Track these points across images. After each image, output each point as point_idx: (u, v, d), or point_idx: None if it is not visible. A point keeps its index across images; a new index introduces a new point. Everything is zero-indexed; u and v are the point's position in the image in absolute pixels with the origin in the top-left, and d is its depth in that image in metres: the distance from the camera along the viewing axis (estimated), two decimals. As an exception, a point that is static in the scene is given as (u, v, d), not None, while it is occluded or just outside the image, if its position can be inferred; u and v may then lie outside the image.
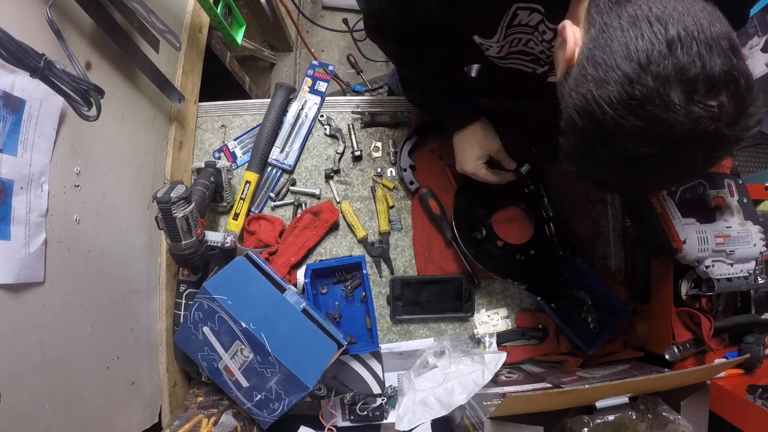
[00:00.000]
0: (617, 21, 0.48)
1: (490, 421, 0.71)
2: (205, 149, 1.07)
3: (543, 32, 0.67)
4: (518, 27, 0.68)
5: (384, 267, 1.04)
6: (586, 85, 0.48)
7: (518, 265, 0.99)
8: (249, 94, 1.51)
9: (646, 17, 0.46)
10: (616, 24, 0.48)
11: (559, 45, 0.56)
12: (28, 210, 0.61)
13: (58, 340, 0.66)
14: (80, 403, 0.71)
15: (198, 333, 0.85)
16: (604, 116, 0.47)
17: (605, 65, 0.47)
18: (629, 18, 0.47)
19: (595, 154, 0.52)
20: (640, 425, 0.72)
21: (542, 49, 0.72)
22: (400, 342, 1.03)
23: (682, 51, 0.44)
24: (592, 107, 0.48)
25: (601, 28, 0.49)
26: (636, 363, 0.99)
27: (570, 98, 0.51)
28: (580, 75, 0.50)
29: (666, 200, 0.92)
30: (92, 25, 0.72)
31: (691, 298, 0.98)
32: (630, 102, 0.45)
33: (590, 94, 0.48)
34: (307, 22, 1.94)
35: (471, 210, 1.00)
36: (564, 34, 0.53)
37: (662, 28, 0.45)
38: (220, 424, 0.82)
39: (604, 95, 0.46)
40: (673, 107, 0.44)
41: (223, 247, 0.93)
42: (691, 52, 0.43)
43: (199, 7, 1.01)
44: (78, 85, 0.60)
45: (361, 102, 1.09)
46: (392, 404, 0.98)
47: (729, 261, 0.89)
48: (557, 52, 0.56)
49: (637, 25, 0.46)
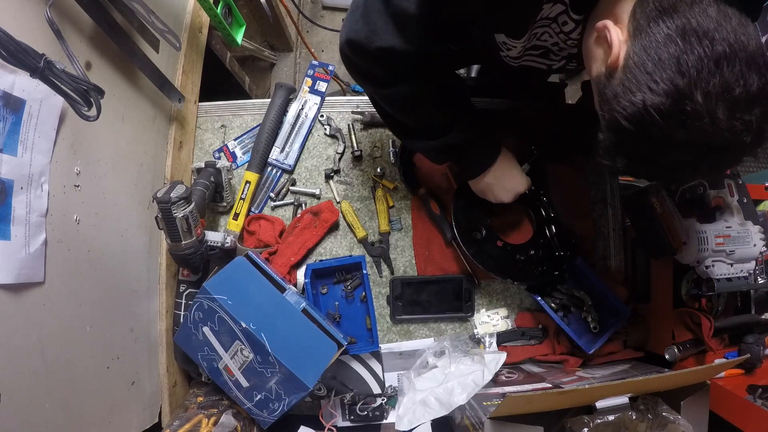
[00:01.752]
0: (666, 31, 0.49)
1: (490, 421, 0.71)
2: (205, 149, 1.07)
3: (563, 23, 0.66)
4: (539, 21, 0.67)
5: (384, 267, 1.04)
6: (638, 94, 0.50)
7: (518, 265, 0.99)
8: (249, 94, 1.51)
9: (694, 31, 0.48)
10: (665, 33, 0.49)
11: (595, 40, 0.57)
12: (28, 210, 0.61)
13: (58, 340, 0.66)
14: (80, 403, 0.71)
15: (198, 333, 0.85)
16: (654, 126, 0.50)
17: (656, 76, 0.49)
18: (677, 30, 0.49)
19: (638, 155, 0.55)
20: (640, 425, 0.72)
21: (556, 40, 0.71)
22: (400, 342, 1.03)
23: (728, 69, 0.47)
24: (642, 116, 0.50)
25: (650, 37, 0.51)
26: (636, 363, 0.99)
27: (616, 102, 0.53)
28: (629, 81, 0.51)
29: (666, 200, 0.92)
30: (92, 25, 0.72)
31: (691, 298, 0.98)
32: (680, 116, 0.48)
33: (641, 104, 0.50)
34: (307, 22, 1.94)
35: (471, 210, 1.00)
36: (608, 34, 0.54)
37: (710, 44, 0.47)
38: (220, 424, 0.82)
39: (656, 107, 0.49)
40: (719, 123, 0.47)
41: (223, 247, 0.93)
42: (735, 70, 0.47)
43: (199, 7, 1.01)
44: (78, 85, 0.60)
45: (361, 102, 1.09)
46: (392, 404, 0.98)
47: (729, 261, 0.89)
48: (593, 48, 0.58)
49: (686, 39, 0.48)
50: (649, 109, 0.49)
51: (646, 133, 0.51)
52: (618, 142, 0.55)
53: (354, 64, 0.76)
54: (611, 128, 0.55)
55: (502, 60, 0.79)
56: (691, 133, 0.49)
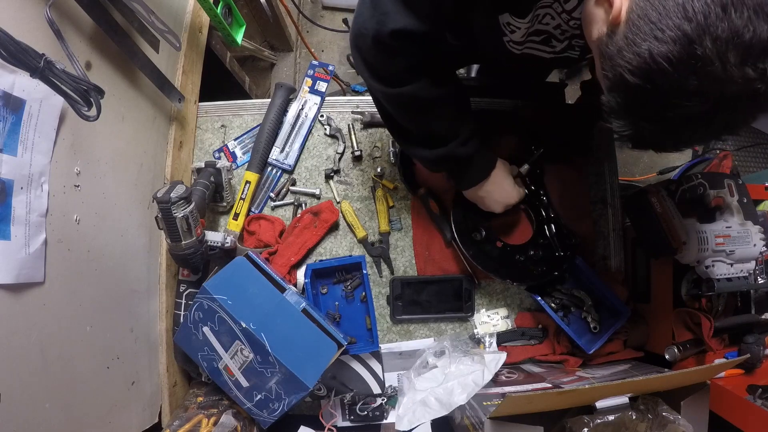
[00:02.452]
0: None
1: (490, 421, 0.71)
2: (205, 149, 1.07)
3: (565, 1, 0.66)
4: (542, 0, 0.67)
5: (384, 267, 1.04)
6: (642, 44, 0.49)
7: (518, 265, 0.99)
8: (249, 94, 1.51)
9: None
10: None
11: (596, 2, 0.56)
12: (28, 210, 0.61)
13: (58, 340, 0.66)
14: (80, 403, 0.71)
15: (198, 333, 0.85)
16: (662, 74, 0.48)
17: (662, 24, 0.48)
18: None
19: (645, 112, 0.53)
20: (640, 425, 0.72)
21: (559, 22, 0.70)
22: (400, 342, 1.03)
23: (736, 14, 0.45)
24: (649, 65, 0.48)
25: None
26: (636, 363, 0.99)
27: (620, 57, 0.51)
28: (633, 33, 0.50)
29: (666, 200, 0.92)
30: (92, 25, 0.72)
31: (691, 298, 0.98)
32: (691, 62, 0.47)
33: (647, 53, 0.48)
34: (307, 22, 1.94)
35: (470, 211, 1.00)
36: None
37: None
38: (220, 424, 0.82)
39: (663, 54, 0.47)
40: (730, 68, 0.46)
41: (223, 247, 0.93)
42: (743, 16, 0.45)
43: (199, 7, 1.01)
44: (78, 85, 0.60)
45: (361, 102, 1.09)
46: (392, 404, 0.98)
47: (729, 261, 0.89)
48: (593, 10, 0.57)
49: None
50: (657, 57, 0.48)
51: (654, 85, 0.49)
52: (624, 101, 0.53)
53: (365, 60, 0.75)
54: (616, 87, 0.53)
55: (505, 49, 0.78)
56: (702, 79, 0.47)
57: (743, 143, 2.01)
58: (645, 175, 1.96)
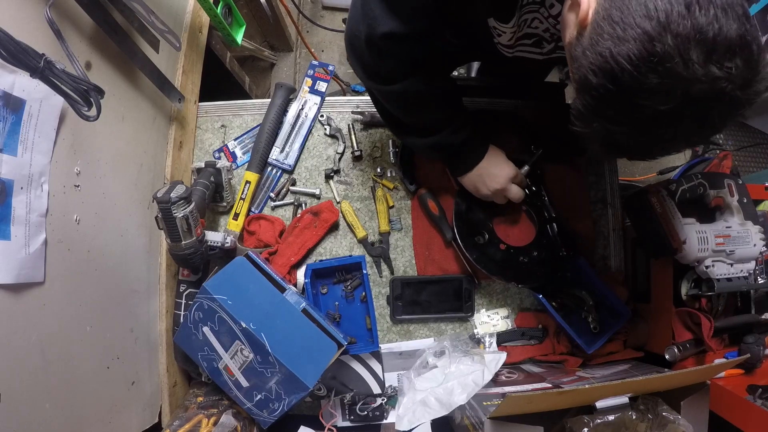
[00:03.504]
0: None
1: (490, 421, 0.71)
2: (205, 149, 1.07)
3: (551, 5, 0.66)
4: (528, 6, 0.67)
5: (384, 267, 1.04)
6: (604, 44, 0.49)
7: (522, 267, 0.99)
8: (249, 94, 1.51)
9: None
10: None
11: (569, 7, 0.56)
12: (28, 210, 0.61)
13: (58, 340, 0.66)
14: (80, 403, 0.71)
15: (198, 333, 0.85)
16: (623, 73, 0.48)
17: (623, 23, 0.47)
18: None
19: (611, 114, 0.53)
20: (640, 425, 0.72)
21: (547, 26, 0.71)
22: (400, 342, 1.03)
23: (701, 12, 0.45)
24: (610, 65, 0.48)
25: None
26: (636, 363, 0.99)
27: (584, 58, 0.51)
28: (596, 34, 0.50)
29: (666, 200, 0.92)
30: (92, 25, 0.72)
31: (691, 298, 0.98)
32: (650, 59, 0.46)
33: (608, 52, 0.48)
34: (307, 22, 1.94)
35: (472, 213, 1.00)
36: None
37: None
38: (220, 424, 0.82)
39: (623, 52, 0.47)
40: (692, 65, 0.45)
41: (223, 247, 0.93)
42: (709, 15, 0.45)
43: (199, 7, 1.01)
44: (78, 85, 0.60)
45: (361, 102, 1.09)
46: (392, 404, 0.98)
47: (729, 261, 0.89)
48: (567, 15, 0.57)
49: None
50: (617, 56, 0.47)
51: (617, 84, 0.49)
52: (591, 103, 0.53)
53: (359, 60, 0.78)
54: (582, 88, 0.53)
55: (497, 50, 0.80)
56: (663, 77, 0.46)
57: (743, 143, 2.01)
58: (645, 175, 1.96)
